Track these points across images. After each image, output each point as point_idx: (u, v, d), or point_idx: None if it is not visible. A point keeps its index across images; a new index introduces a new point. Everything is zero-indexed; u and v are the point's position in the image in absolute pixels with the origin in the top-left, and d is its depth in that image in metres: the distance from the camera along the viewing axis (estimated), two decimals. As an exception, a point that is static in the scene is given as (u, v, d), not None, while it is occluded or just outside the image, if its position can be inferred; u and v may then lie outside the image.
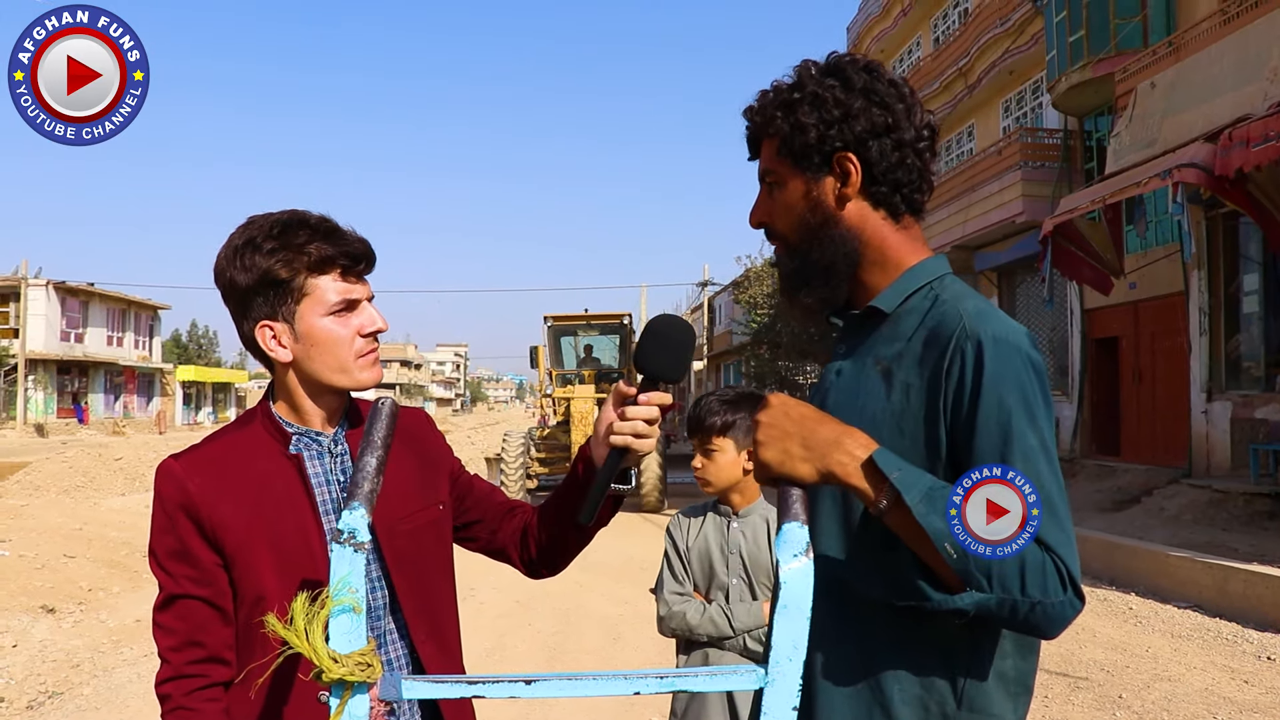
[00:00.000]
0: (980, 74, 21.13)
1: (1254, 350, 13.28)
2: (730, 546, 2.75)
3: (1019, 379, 1.34)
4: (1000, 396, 1.33)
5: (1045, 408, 1.36)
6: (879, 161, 1.48)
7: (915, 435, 1.39)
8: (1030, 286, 19.07)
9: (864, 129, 1.47)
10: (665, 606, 2.76)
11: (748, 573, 2.72)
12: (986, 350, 1.34)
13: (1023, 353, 1.36)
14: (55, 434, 38.68)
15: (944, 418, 1.37)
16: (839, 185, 1.50)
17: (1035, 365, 1.37)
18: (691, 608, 2.71)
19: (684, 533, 2.83)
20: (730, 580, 2.73)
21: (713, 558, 2.75)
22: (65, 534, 11.40)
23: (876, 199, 1.51)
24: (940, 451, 1.37)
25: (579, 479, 1.75)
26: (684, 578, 2.79)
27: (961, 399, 1.35)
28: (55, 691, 6.01)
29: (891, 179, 1.50)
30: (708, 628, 2.67)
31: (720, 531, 2.77)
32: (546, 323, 18.26)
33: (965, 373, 1.35)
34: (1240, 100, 11.06)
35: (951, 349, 1.37)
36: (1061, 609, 1.27)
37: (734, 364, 42.85)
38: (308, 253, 1.58)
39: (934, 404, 1.37)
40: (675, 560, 2.81)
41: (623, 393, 1.64)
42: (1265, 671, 6.38)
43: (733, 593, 2.72)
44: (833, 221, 1.51)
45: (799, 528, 1.09)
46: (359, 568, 1.04)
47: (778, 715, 1.04)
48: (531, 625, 7.80)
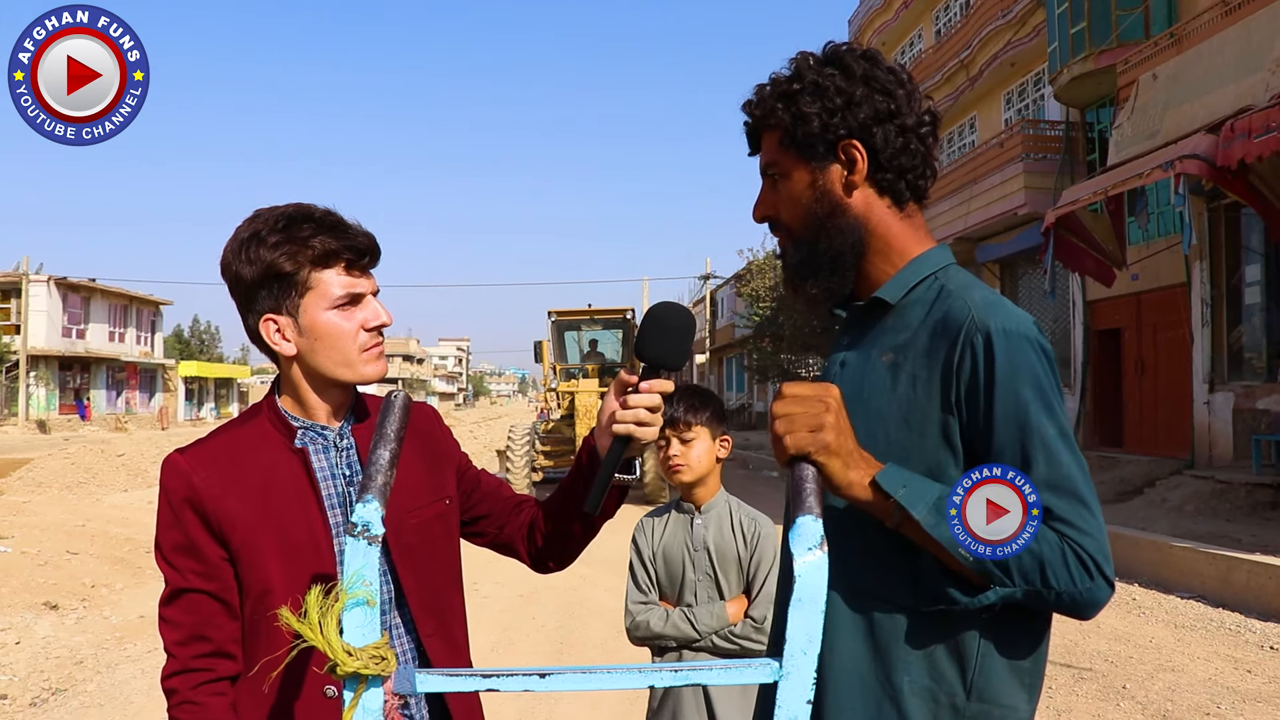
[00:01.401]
0: (982, 66, 21.08)
1: (1256, 341, 13.26)
2: (695, 543, 2.74)
3: (1032, 370, 1.34)
4: (1015, 390, 1.32)
5: (1058, 394, 1.36)
6: (884, 148, 1.48)
7: (922, 427, 1.38)
8: (1032, 278, 19.05)
9: (868, 116, 1.47)
10: (630, 617, 2.77)
11: (714, 567, 2.72)
12: (996, 343, 1.34)
13: (1033, 342, 1.36)
14: (57, 430, 38.68)
15: (957, 412, 1.36)
16: (846, 173, 1.50)
17: (1046, 353, 1.37)
18: (655, 615, 2.71)
19: (649, 537, 2.83)
20: (698, 578, 2.72)
21: (680, 557, 2.75)
22: (68, 530, 11.40)
23: (882, 186, 1.51)
24: (954, 444, 1.37)
25: (584, 469, 1.74)
26: (648, 587, 2.79)
27: (976, 394, 1.34)
28: (59, 688, 6.01)
29: (896, 165, 1.49)
30: (672, 632, 2.68)
31: (684, 529, 2.77)
32: (551, 318, 18.31)
33: (977, 366, 1.34)
34: (1242, 91, 11.04)
35: (961, 342, 1.36)
36: (1090, 595, 1.27)
37: (736, 357, 42.88)
38: (312, 246, 1.58)
39: (945, 397, 1.37)
40: (639, 568, 2.81)
41: (625, 381, 1.63)
42: (1269, 661, 6.38)
43: (700, 592, 2.72)
44: (840, 210, 1.50)
45: (813, 521, 1.08)
46: (373, 561, 1.03)
47: (792, 708, 1.03)
48: (535, 619, 7.81)
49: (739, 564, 2.71)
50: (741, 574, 2.71)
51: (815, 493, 1.17)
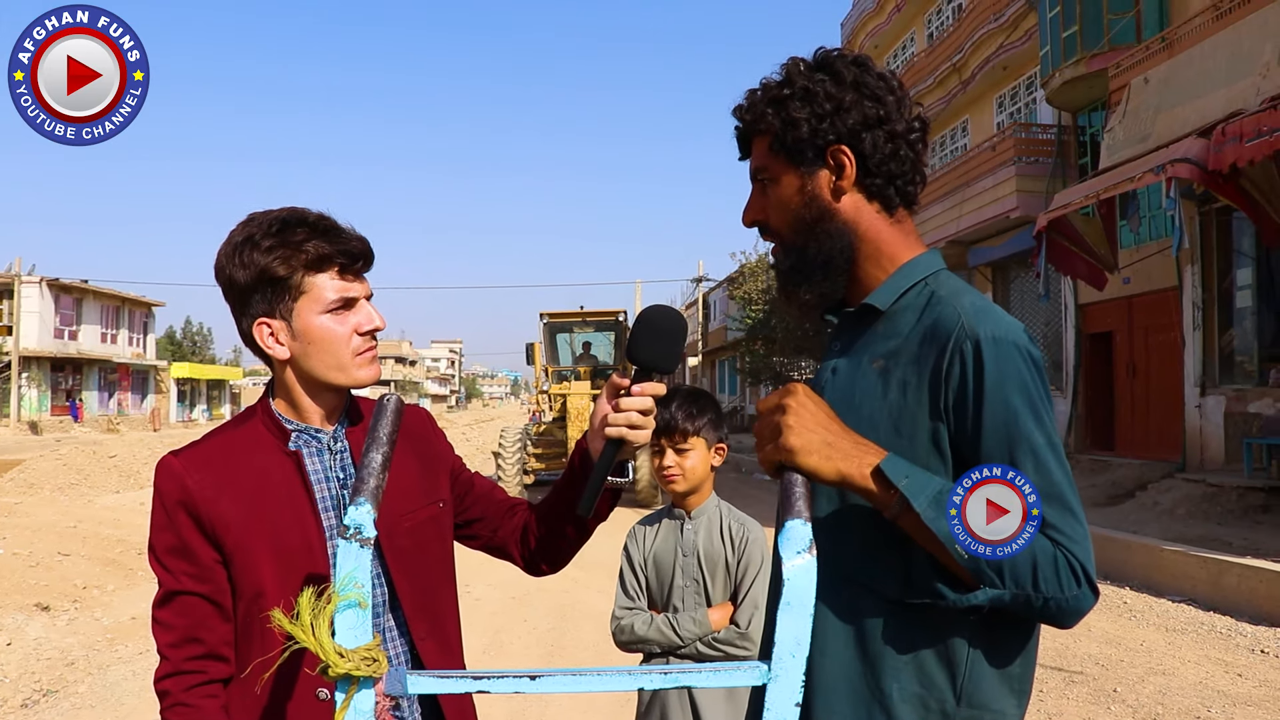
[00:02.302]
0: (974, 70, 21.14)
1: (1247, 344, 13.31)
2: (686, 548, 2.74)
3: (1021, 378, 1.34)
4: (1005, 398, 1.33)
5: (1047, 402, 1.37)
6: (873, 154, 1.48)
7: (913, 434, 1.39)
8: (1024, 282, 19.10)
9: (856, 121, 1.47)
10: (615, 622, 2.77)
11: (702, 572, 2.72)
12: (986, 350, 1.34)
13: (1022, 350, 1.36)
14: (49, 431, 38.53)
15: (947, 419, 1.37)
16: (834, 178, 1.50)
17: (1035, 361, 1.38)
18: (639, 619, 2.72)
19: (640, 544, 2.83)
20: (685, 583, 2.73)
21: (670, 562, 2.76)
22: (59, 532, 11.35)
23: (871, 191, 1.51)
24: (943, 450, 1.37)
25: (576, 473, 1.75)
26: (636, 594, 2.79)
27: (965, 401, 1.35)
28: (50, 689, 5.99)
29: (885, 171, 1.50)
30: (656, 637, 2.68)
31: (675, 535, 2.78)
32: (543, 320, 18.21)
33: (966, 374, 1.35)
34: (1233, 95, 11.08)
35: (950, 348, 1.36)
36: (1076, 603, 1.28)
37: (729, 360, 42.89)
38: (306, 250, 1.58)
39: (934, 403, 1.37)
40: (629, 575, 2.81)
41: (616, 384, 1.64)
42: (1259, 665, 6.40)
43: (686, 597, 2.72)
44: (828, 215, 1.51)
45: (802, 525, 1.09)
46: (365, 563, 1.04)
47: (780, 712, 1.04)
48: (527, 622, 7.80)
49: (726, 569, 2.71)
50: (729, 579, 2.71)
51: (803, 496, 1.18)
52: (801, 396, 1.37)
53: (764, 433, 1.38)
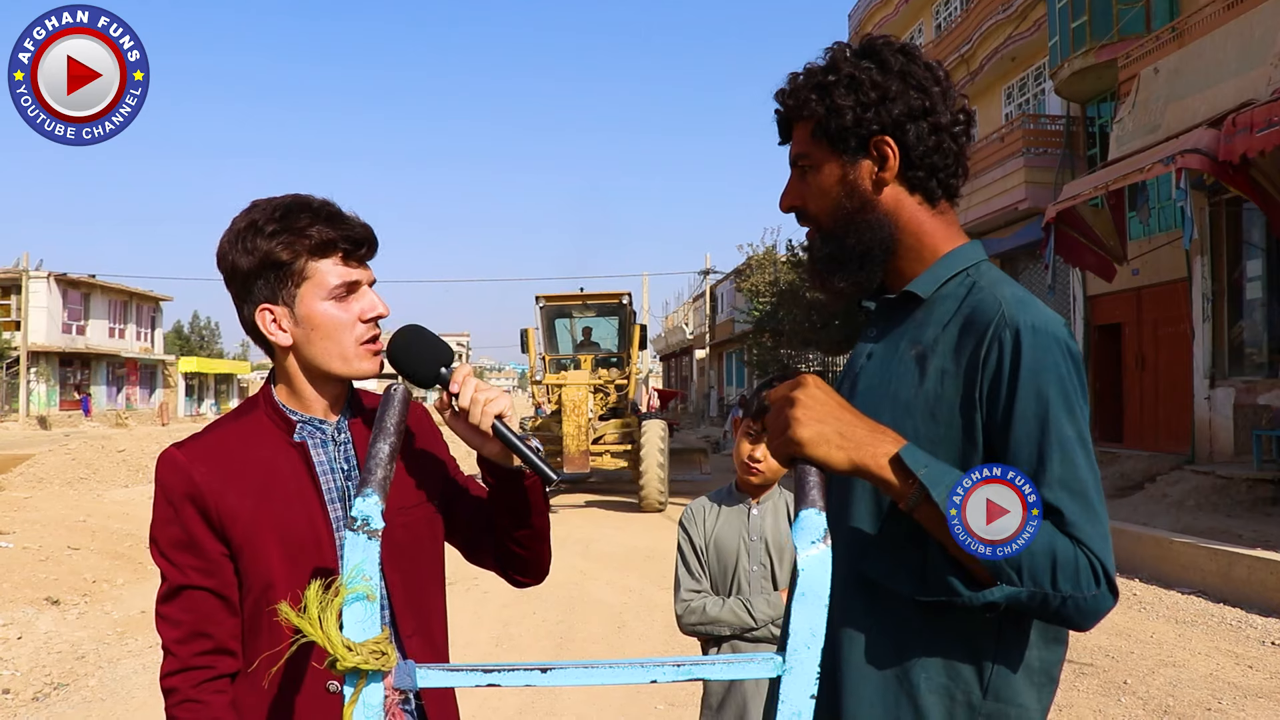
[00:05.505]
0: (982, 61, 21.05)
1: (1257, 336, 13.25)
2: (753, 533, 2.73)
3: (1058, 369, 1.32)
4: (1039, 387, 1.31)
5: (1082, 399, 1.34)
6: (916, 145, 1.46)
7: (950, 421, 1.37)
8: (1033, 273, 19.03)
9: (901, 112, 1.45)
10: (683, 604, 2.72)
11: (770, 557, 2.70)
12: (1024, 339, 1.33)
13: (1061, 342, 1.34)
14: (58, 426, 38.67)
15: (980, 406, 1.35)
16: (876, 169, 1.48)
17: (1073, 355, 1.36)
18: (711, 600, 2.68)
19: (700, 525, 2.79)
20: (752, 567, 2.71)
21: (735, 546, 2.73)
22: (69, 526, 11.40)
23: (913, 183, 1.49)
24: (976, 439, 1.36)
25: (496, 481, 1.69)
26: (700, 574, 2.75)
27: (999, 388, 1.33)
28: (60, 683, 6.01)
29: (928, 163, 1.48)
30: (729, 618, 2.65)
31: (739, 519, 2.75)
32: (539, 304, 16.73)
33: (1003, 361, 1.33)
34: (1244, 86, 11.01)
35: (989, 336, 1.35)
36: (1094, 603, 1.26)
37: (736, 352, 42.86)
38: (309, 235, 1.57)
39: (970, 391, 1.36)
40: (691, 556, 2.77)
41: (443, 403, 1.64)
42: (1270, 657, 6.38)
43: (753, 581, 2.70)
44: (869, 206, 1.49)
45: (816, 515, 1.07)
46: (373, 555, 1.03)
47: (796, 703, 1.03)
48: (536, 614, 7.81)
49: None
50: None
51: (817, 486, 1.16)
52: (811, 388, 1.36)
53: (775, 425, 1.36)
